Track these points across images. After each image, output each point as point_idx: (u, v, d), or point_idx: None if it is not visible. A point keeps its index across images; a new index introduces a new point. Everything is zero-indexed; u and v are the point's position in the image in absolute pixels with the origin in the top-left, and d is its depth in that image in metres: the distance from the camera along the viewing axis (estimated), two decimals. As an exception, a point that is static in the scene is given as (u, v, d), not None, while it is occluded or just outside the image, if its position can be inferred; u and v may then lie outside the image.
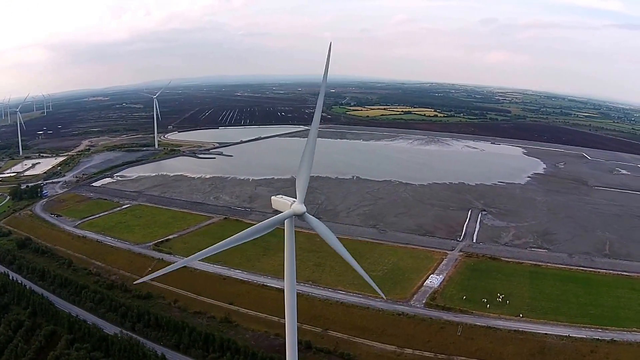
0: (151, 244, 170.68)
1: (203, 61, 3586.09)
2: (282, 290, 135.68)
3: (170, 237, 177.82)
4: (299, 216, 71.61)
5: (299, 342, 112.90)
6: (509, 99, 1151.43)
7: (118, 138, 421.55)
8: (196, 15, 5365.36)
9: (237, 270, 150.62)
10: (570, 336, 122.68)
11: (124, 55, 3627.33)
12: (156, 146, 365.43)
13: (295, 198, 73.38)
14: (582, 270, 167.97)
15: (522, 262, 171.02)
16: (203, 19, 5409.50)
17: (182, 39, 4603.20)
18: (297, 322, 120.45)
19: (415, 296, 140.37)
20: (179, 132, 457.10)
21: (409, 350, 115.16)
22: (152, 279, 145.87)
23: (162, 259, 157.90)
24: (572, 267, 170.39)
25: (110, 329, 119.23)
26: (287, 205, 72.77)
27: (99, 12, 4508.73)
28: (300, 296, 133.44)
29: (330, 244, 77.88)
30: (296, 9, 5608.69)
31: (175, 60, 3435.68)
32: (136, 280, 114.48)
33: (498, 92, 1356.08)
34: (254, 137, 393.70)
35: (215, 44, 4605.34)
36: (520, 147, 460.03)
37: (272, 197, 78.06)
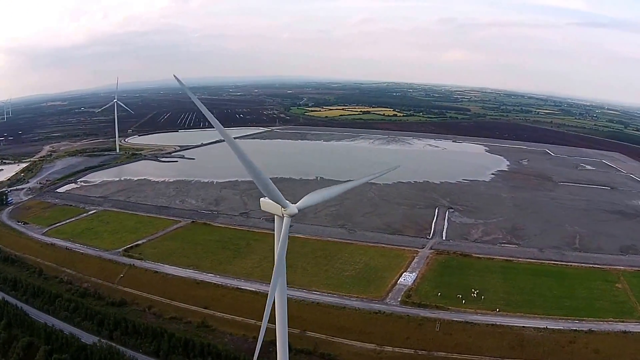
0: (121, 249, 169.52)
1: (160, 64, 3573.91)
2: (256, 293, 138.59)
3: (139, 242, 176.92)
4: (288, 215, 73.88)
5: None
6: (468, 97, 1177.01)
7: (79, 143, 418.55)
8: (153, 17, 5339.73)
9: (210, 274, 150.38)
10: (547, 328, 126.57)
11: (81, 59, 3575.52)
12: (117, 150, 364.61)
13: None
14: (554, 264, 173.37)
15: (494, 258, 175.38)
16: (160, 21, 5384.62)
17: (139, 41, 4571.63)
18: (274, 324, 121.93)
19: (390, 294, 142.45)
20: (139, 135, 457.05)
21: (389, 348, 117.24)
22: (124, 286, 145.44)
23: (133, 264, 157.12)
24: (543, 261, 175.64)
25: (87, 338, 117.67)
26: (277, 207, 74.60)
27: (57, 15, 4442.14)
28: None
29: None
30: (253, 10, 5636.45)
31: (133, 63, 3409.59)
32: (111, 287, 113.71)
33: (456, 91, 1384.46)
34: (214, 140, 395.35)
35: (172, 46, 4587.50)
36: (482, 145, 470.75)
37: (262, 200, 79.36)
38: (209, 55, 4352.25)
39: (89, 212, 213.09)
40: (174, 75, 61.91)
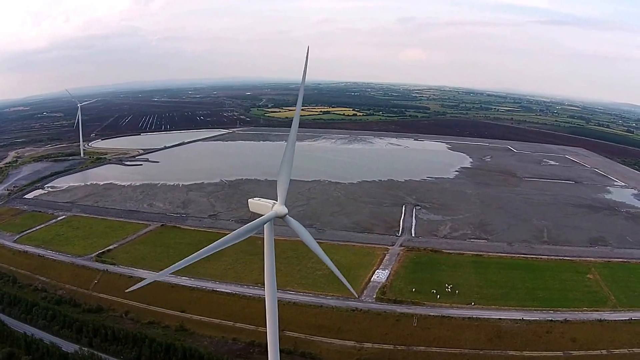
0: (93, 255, 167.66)
1: (120, 67, 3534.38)
2: (232, 295, 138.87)
3: (110, 247, 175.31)
4: (281, 217, 73.41)
5: (259, 345, 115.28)
6: (427, 95, 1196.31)
7: (43, 148, 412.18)
8: (114, 20, 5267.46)
9: (184, 278, 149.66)
10: (523, 319, 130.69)
11: (43, 63, 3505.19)
12: (82, 155, 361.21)
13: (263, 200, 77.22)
14: (524, 257, 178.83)
15: (464, 253, 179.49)
16: (121, 24, 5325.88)
17: (99, 45, 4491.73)
18: (252, 325, 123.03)
19: (365, 292, 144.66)
20: (102, 139, 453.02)
21: (368, 344, 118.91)
22: (99, 292, 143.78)
23: (107, 270, 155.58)
24: (513, 255, 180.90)
25: (67, 346, 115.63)
26: (267, 207, 74.51)
27: (19, 19, 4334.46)
28: (252, 299, 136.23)
29: (310, 247, 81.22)
30: (212, 12, 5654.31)
31: (94, 67, 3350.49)
32: (86, 293, 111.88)
33: (415, 90, 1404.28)
34: (177, 142, 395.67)
35: (132, 49, 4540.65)
36: (443, 142, 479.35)
37: (250, 200, 79.78)
38: (169, 57, 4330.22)
39: (59, 218, 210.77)
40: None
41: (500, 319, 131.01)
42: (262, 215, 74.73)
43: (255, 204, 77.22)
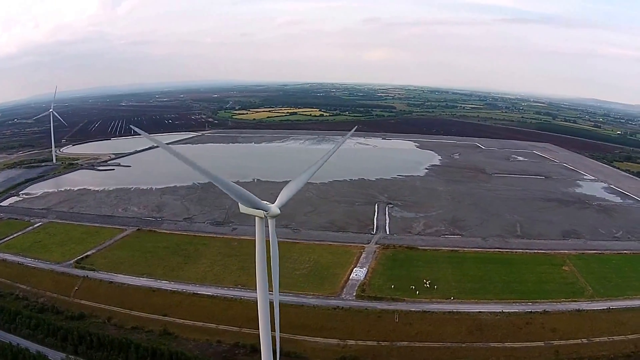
0: (72, 261, 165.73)
1: (89, 72, 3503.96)
2: (214, 297, 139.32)
3: (88, 253, 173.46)
4: (273, 217, 74.67)
5: (243, 346, 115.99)
6: (392, 95, 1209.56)
7: (15, 155, 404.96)
8: (82, 25, 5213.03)
9: (164, 281, 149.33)
10: (503, 312, 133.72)
11: (13, 70, 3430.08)
12: (54, 161, 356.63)
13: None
14: (499, 251, 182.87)
15: (439, 249, 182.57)
16: (88, 29, 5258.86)
17: (68, 50, 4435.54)
18: (235, 326, 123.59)
19: (344, 289, 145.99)
20: (73, 145, 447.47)
21: (352, 342, 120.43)
22: (80, 298, 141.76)
23: (87, 276, 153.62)
24: (488, 249, 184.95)
25: (53, 355, 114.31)
26: (261, 203, 74.59)
27: None
28: (233, 301, 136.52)
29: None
30: (178, 15, 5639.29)
31: (62, 73, 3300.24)
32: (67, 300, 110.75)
33: (380, 89, 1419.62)
34: (147, 147, 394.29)
35: (100, 54, 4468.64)
36: (411, 141, 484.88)
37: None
38: (135, 61, 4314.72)
39: (35, 225, 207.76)
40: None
41: (480, 312, 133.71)
42: (253, 216, 76.04)
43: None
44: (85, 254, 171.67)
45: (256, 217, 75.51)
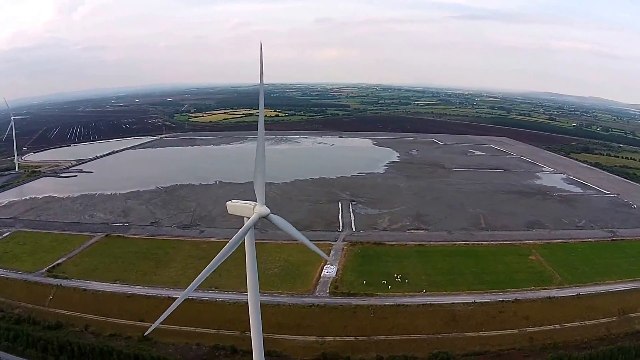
0: (44, 270, 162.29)
1: (46, 79, 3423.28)
2: (190, 301, 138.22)
3: (59, 261, 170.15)
4: (264, 217, 76.96)
5: (223, 348, 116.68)
6: (345, 93, 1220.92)
7: None
8: (38, 32, 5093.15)
9: (138, 286, 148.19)
10: (475, 302, 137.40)
11: None
12: (17, 169, 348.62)
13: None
14: (465, 244, 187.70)
15: (406, 244, 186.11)
16: (44, 35, 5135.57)
17: (24, 57, 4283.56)
18: (213, 328, 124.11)
19: (317, 287, 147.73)
20: (34, 152, 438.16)
21: (330, 338, 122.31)
22: (56, 308, 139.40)
23: (60, 284, 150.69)
24: (454, 242, 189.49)
25: None
26: (248, 208, 76.95)
27: None
28: (208, 303, 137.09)
29: (295, 237, 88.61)
30: (133, 20, 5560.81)
31: (19, 80, 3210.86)
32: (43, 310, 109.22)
33: (333, 88, 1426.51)
34: (108, 152, 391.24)
35: (56, 60, 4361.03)
36: (368, 138, 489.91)
37: (228, 203, 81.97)
38: (91, 67, 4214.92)
39: (3, 235, 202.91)
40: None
41: (453, 303, 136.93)
42: (242, 217, 78.38)
43: (235, 206, 79.32)
44: (56, 262, 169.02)
45: (245, 218, 77.91)
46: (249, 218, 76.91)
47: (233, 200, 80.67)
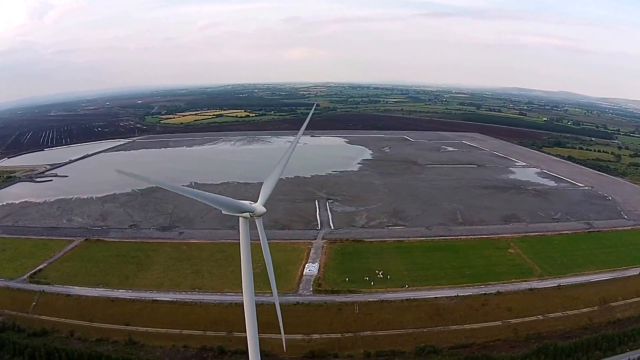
0: (25, 276, 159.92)
1: (17, 83, 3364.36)
2: (173, 303, 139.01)
3: (40, 266, 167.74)
4: (258, 216, 76.31)
5: (211, 349, 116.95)
6: (314, 92, 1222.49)
7: None
8: (10, 36, 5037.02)
9: (121, 290, 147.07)
10: (458, 295, 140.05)
11: None
12: None
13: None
14: (444, 239, 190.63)
15: (385, 240, 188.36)
16: (16, 39, 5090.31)
17: None
18: (199, 330, 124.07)
19: (300, 285, 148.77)
20: (8, 157, 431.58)
21: (316, 335, 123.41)
22: (40, 314, 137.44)
23: (43, 290, 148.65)
24: (433, 237, 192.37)
25: None
26: (246, 205, 75.72)
27: None
28: (193, 304, 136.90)
29: (264, 249, 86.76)
30: (103, 22, 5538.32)
31: None
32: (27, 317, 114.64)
33: (301, 88, 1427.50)
34: (81, 155, 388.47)
35: (28, 64, 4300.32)
36: (340, 137, 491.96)
37: None
38: (61, 70, 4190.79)
39: None
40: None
41: (436, 297, 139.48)
42: (237, 216, 77.32)
43: None
44: (38, 267, 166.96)
45: (240, 218, 76.65)
46: (245, 217, 75.76)
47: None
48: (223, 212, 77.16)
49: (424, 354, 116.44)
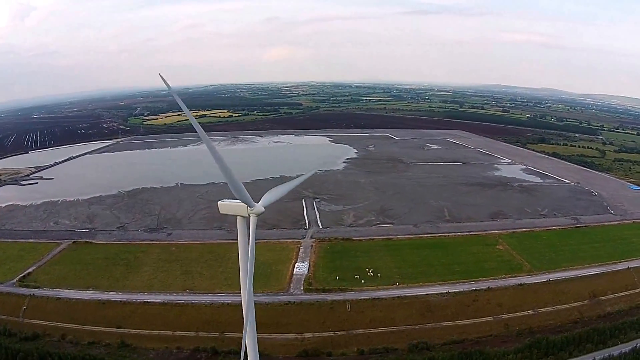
0: (15, 280, 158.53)
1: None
2: (165, 304, 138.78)
3: (29, 270, 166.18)
4: (255, 214, 77.16)
5: (204, 350, 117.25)
6: (296, 92, 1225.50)
7: None
8: None
9: (112, 293, 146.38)
10: (449, 292, 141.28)
11: None
12: None
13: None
14: (432, 236, 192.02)
15: (374, 238, 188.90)
16: None
17: None
18: (192, 331, 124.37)
19: (291, 285, 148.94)
20: None
21: (309, 334, 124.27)
22: (30, 318, 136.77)
23: (33, 294, 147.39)
24: (421, 235, 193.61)
25: None
26: (242, 207, 76.92)
27: None
28: (184, 306, 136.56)
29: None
30: (84, 24, 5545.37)
31: None
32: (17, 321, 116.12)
33: (283, 87, 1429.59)
34: (66, 158, 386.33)
35: (9, 67, 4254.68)
36: (324, 136, 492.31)
37: (219, 202, 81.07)
38: (42, 73, 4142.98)
39: None
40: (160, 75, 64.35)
41: (427, 294, 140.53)
42: (235, 216, 78.75)
43: (228, 205, 79.28)
44: (27, 271, 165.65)
45: (238, 217, 77.62)
46: (243, 217, 76.38)
47: (224, 200, 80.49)
48: (220, 211, 77.45)
49: (417, 350, 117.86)
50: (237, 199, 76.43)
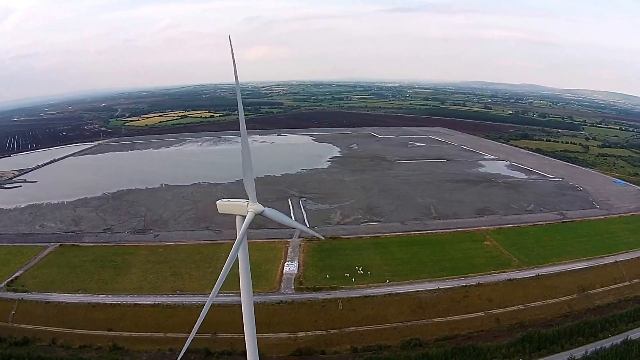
0: (3, 284, 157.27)
1: None
2: (156, 306, 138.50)
3: (17, 274, 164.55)
4: (259, 214, 78.33)
5: (197, 351, 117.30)
6: (276, 91, 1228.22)
7: None
8: None
9: (101, 295, 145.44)
10: (440, 288, 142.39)
11: None
12: None
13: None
14: (419, 233, 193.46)
15: (362, 237, 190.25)
16: None
17: None
18: (184, 333, 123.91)
19: (282, 284, 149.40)
20: None
21: (302, 333, 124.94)
22: (20, 323, 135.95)
23: (22, 298, 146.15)
24: (409, 232, 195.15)
25: None
26: (241, 206, 77.66)
27: None
28: (175, 307, 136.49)
29: (292, 225, 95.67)
30: (63, 26, 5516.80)
31: None
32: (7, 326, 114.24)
33: (264, 87, 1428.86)
34: (49, 160, 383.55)
35: None
36: (307, 135, 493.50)
37: (218, 202, 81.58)
38: (21, 76, 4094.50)
39: None
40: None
41: (417, 291, 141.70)
42: (234, 215, 79.16)
43: (226, 205, 79.72)
44: (14, 275, 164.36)
45: (237, 217, 78.17)
46: (242, 216, 76.86)
47: (223, 199, 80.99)
48: (219, 211, 78.06)
49: (410, 347, 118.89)
50: (235, 199, 76.55)
